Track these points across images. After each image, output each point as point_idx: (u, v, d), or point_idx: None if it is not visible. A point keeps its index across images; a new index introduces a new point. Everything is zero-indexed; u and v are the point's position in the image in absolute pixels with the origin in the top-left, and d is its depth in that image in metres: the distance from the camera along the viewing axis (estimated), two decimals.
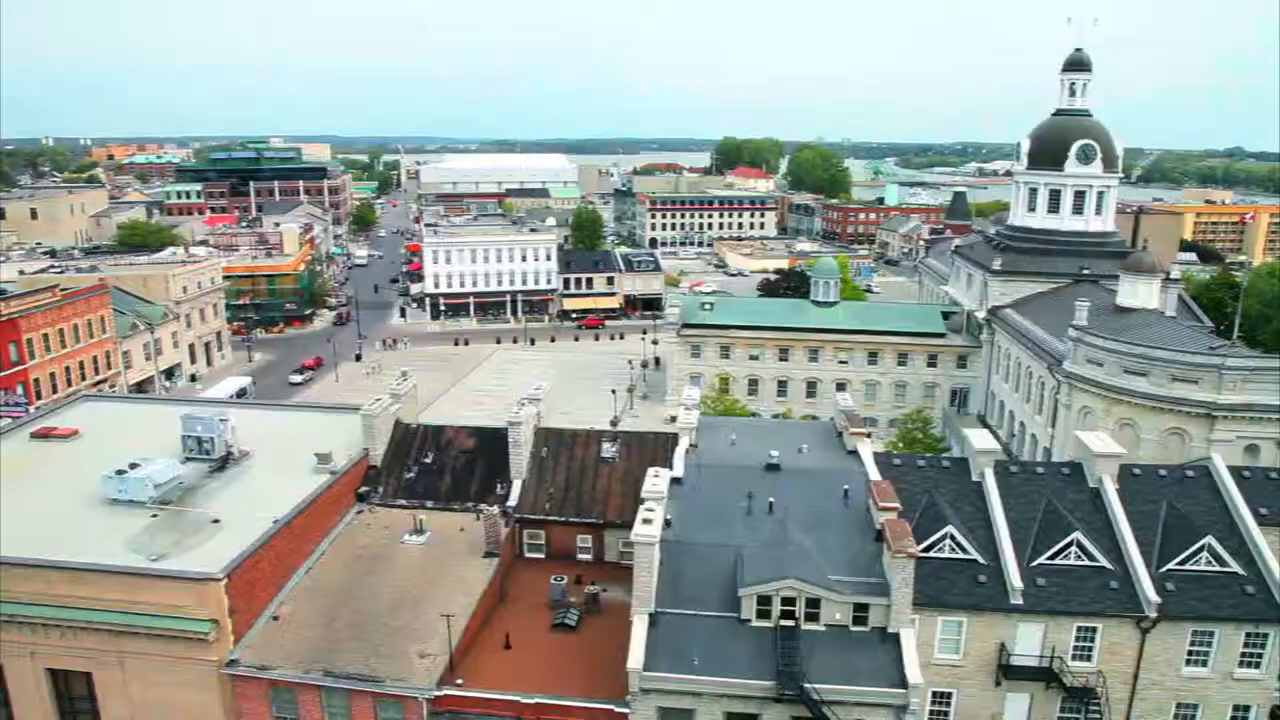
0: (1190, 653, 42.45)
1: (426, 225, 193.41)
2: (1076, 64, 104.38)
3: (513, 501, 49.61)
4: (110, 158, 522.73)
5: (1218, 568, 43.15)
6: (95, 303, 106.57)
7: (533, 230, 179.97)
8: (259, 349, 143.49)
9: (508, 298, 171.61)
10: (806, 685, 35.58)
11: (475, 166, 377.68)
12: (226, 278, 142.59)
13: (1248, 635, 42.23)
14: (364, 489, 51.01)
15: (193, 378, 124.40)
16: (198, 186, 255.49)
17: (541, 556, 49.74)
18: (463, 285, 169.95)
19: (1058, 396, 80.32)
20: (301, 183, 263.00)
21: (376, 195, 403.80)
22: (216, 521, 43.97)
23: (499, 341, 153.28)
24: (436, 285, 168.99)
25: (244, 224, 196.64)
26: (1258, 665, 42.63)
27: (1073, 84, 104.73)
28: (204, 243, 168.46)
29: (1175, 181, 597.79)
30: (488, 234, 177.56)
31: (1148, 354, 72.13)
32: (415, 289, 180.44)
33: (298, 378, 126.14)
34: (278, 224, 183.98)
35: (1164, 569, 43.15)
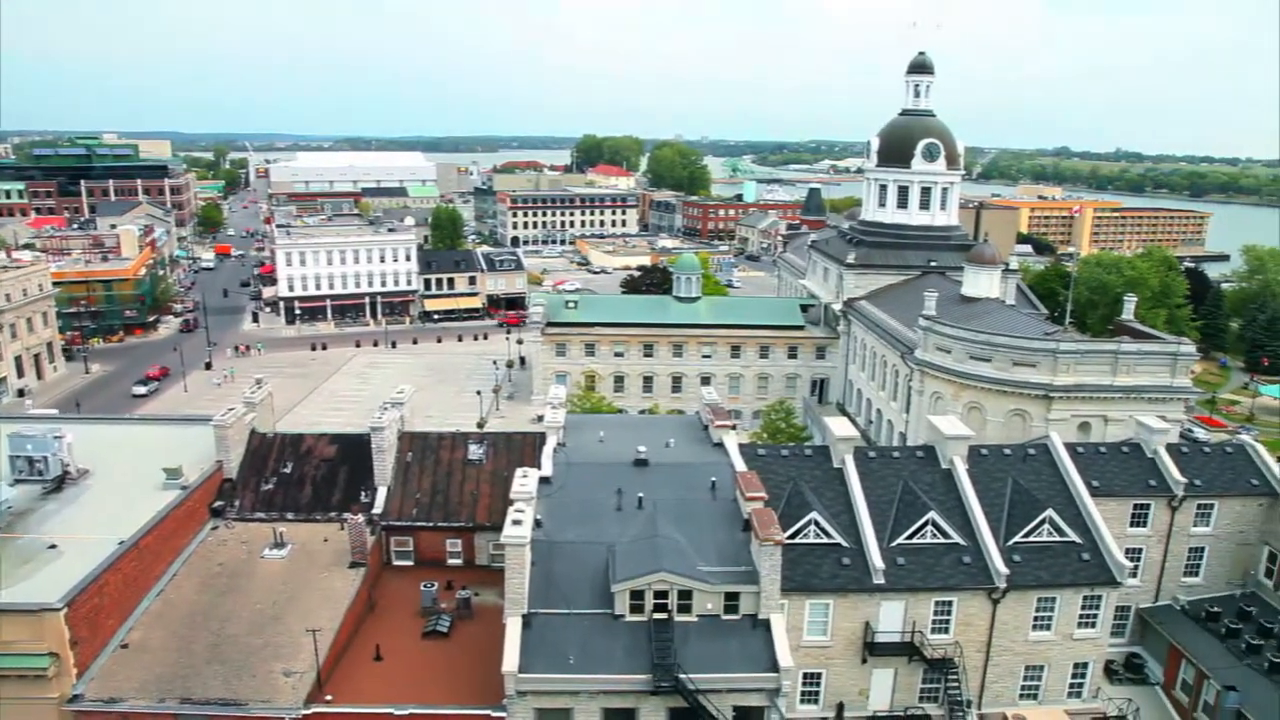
0: (1036, 618, 45.31)
1: (278, 226, 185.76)
2: (920, 67, 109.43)
3: (378, 509, 48.28)
4: None
5: (1058, 538, 46.14)
6: None
7: (391, 230, 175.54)
8: (97, 359, 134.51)
9: (366, 300, 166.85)
10: (682, 676, 36.02)
11: (329, 165, 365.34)
12: (57, 284, 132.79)
13: (1085, 598, 45.40)
14: (219, 504, 48.58)
15: (20, 392, 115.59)
16: (20, 185, 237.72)
17: (410, 564, 48.59)
18: (319, 288, 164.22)
19: (911, 383, 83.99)
20: (140, 181, 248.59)
21: (224, 195, 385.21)
22: (53, 547, 40.92)
23: (359, 345, 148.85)
24: (291, 288, 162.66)
25: (75, 226, 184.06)
26: (1094, 625, 45.87)
27: (917, 85, 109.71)
28: (29, 246, 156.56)
29: (1011, 178, 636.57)
30: (344, 234, 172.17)
31: (991, 341, 76.27)
32: (268, 293, 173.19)
33: (141, 389, 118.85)
34: (114, 226, 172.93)
35: (1011, 542, 45.84)
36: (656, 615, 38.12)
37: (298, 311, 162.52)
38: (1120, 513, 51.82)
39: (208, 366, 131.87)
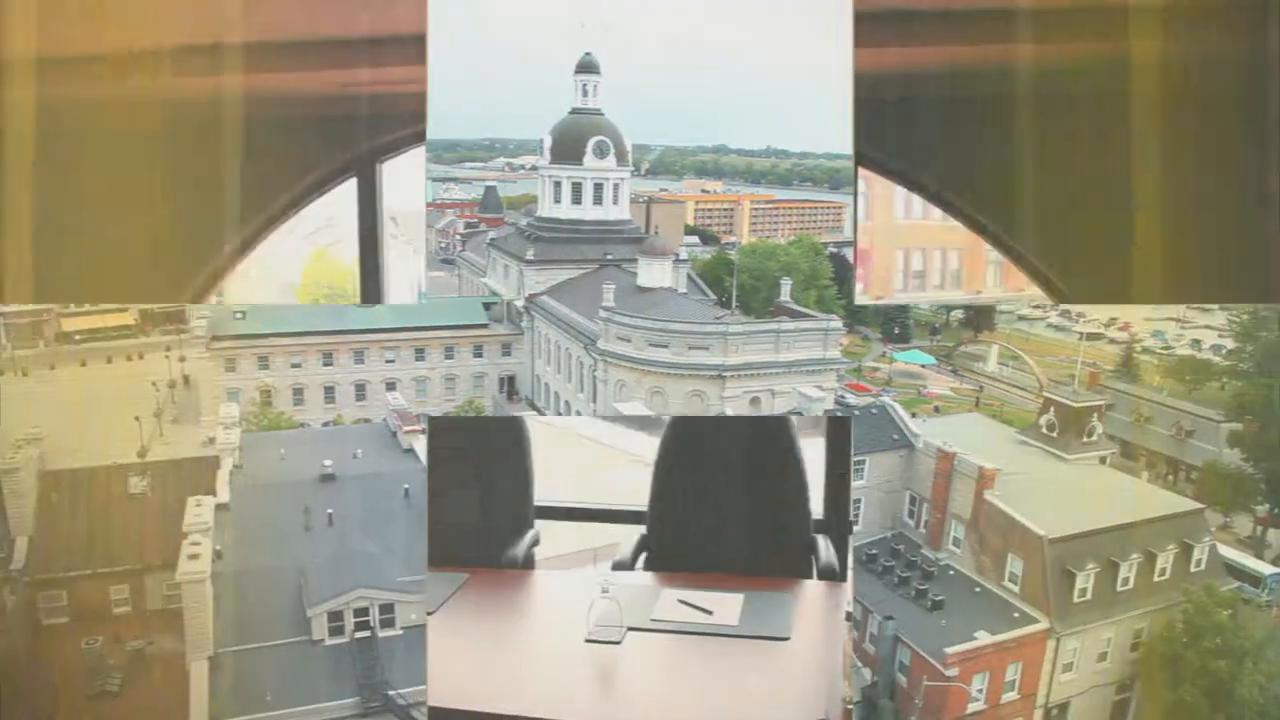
0: None
1: None
2: (587, 67, 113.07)
3: (18, 564, 42.04)
4: None
5: None
6: None
7: None
8: None
9: None
10: (391, 693, 34.81)
11: None
12: None
13: None
14: None
15: None
16: None
17: (65, 620, 42.82)
18: None
19: (595, 374, 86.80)
20: None
21: None
22: None
23: None
24: None
25: None
26: None
27: (585, 85, 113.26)
28: None
29: (676, 174, 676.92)
30: None
31: (667, 328, 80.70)
32: None
33: None
34: None
35: None
36: (358, 634, 36.56)
37: None
38: None
39: None
